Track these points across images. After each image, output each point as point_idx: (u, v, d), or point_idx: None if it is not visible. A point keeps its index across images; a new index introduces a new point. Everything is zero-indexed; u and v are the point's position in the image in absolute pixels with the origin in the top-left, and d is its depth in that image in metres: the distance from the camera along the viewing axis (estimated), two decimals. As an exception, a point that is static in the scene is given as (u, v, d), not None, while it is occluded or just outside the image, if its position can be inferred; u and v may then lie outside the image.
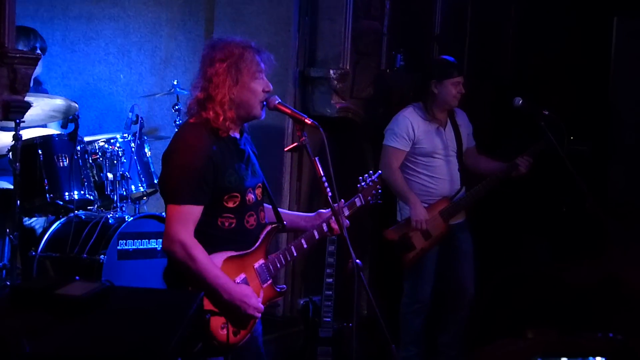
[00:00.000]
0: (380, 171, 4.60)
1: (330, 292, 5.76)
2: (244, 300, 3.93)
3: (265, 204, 4.22)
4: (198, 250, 3.85)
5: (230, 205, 3.95)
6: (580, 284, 5.94)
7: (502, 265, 7.02)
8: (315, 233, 4.25)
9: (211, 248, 3.90)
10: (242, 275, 4.00)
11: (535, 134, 5.86)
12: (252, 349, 4.15)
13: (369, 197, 4.44)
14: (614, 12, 6.47)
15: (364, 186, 4.43)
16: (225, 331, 3.89)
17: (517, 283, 6.49)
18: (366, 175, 4.47)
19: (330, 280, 5.76)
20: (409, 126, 5.99)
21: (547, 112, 5.73)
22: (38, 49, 6.08)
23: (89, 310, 2.87)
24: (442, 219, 5.98)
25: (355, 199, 4.37)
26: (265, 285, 4.10)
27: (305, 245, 4.24)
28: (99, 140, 6.01)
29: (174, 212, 3.88)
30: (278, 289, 4.19)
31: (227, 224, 3.95)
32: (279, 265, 4.18)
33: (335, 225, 4.23)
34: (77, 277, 3.12)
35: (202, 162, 3.86)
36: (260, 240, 4.07)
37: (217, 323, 3.87)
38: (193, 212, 3.87)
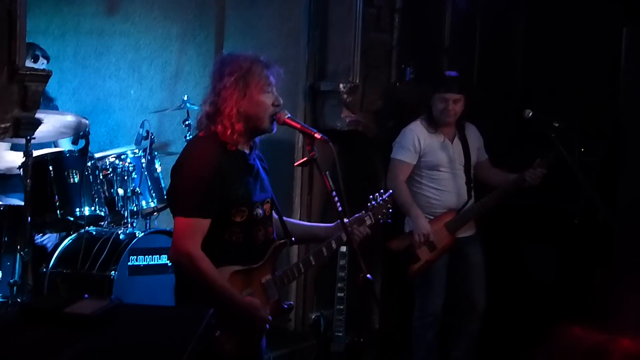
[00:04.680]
0: (390, 190, 4.59)
1: (342, 307, 5.75)
2: (251, 312, 3.92)
3: (279, 217, 4.22)
4: (205, 263, 3.84)
5: (238, 219, 3.94)
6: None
7: (514, 278, 7.00)
8: (324, 250, 4.23)
9: (218, 262, 3.89)
10: (249, 290, 3.99)
11: (545, 146, 5.85)
12: None
13: (379, 216, 4.42)
14: (624, 23, 6.44)
15: (374, 205, 4.42)
16: (230, 345, 3.88)
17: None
18: (377, 194, 4.46)
19: (342, 294, 5.75)
20: (415, 139, 6.01)
21: (557, 124, 5.72)
22: (40, 57, 6.09)
23: (98, 328, 2.86)
24: (448, 231, 5.97)
25: (365, 217, 4.36)
26: (271, 301, 4.09)
27: (313, 262, 4.23)
28: (109, 156, 6.02)
29: (181, 224, 3.88)
30: (285, 306, 4.17)
31: (234, 237, 3.94)
32: (286, 281, 4.17)
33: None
34: (86, 295, 3.11)
35: (210, 175, 3.86)
36: (267, 255, 4.06)
37: (223, 337, 3.85)
38: (201, 225, 3.86)
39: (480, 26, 7.62)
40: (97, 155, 5.96)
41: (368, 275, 3.82)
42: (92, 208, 5.69)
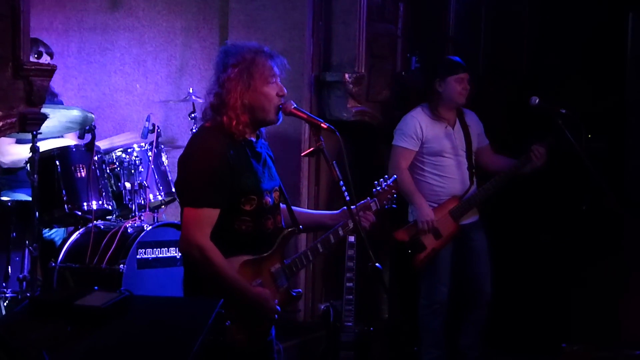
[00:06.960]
0: (395, 176, 4.59)
1: (351, 297, 5.75)
2: (261, 302, 3.92)
3: (287, 205, 4.22)
4: (215, 253, 3.83)
5: (247, 208, 3.93)
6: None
7: (519, 265, 7.00)
8: (332, 237, 4.23)
9: (227, 252, 3.88)
10: (258, 280, 3.98)
11: (551, 133, 5.84)
12: (267, 354, 4.15)
13: (385, 202, 4.42)
14: (629, 8, 6.43)
15: (380, 190, 4.41)
16: (241, 336, 3.89)
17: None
18: (382, 179, 4.45)
19: (351, 284, 5.74)
20: (417, 126, 6.02)
21: (564, 111, 5.71)
22: (44, 53, 6.08)
23: (108, 320, 2.87)
24: (452, 218, 5.98)
25: (371, 203, 4.36)
26: (281, 289, 4.09)
27: (321, 249, 4.22)
28: (116, 150, 6.03)
29: (190, 215, 3.87)
30: (294, 294, 4.17)
31: (244, 227, 3.94)
32: (295, 269, 4.16)
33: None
34: (95, 287, 3.12)
35: (218, 165, 3.85)
36: (276, 244, 4.05)
37: (233, 327, 3.86)
38: (210, 215, 3.86)
39: (485, 14, 7.60)
40: (103, 148, 5.96)
41: (377, 265, 3.82)
42: (100, 202, 5.69)
